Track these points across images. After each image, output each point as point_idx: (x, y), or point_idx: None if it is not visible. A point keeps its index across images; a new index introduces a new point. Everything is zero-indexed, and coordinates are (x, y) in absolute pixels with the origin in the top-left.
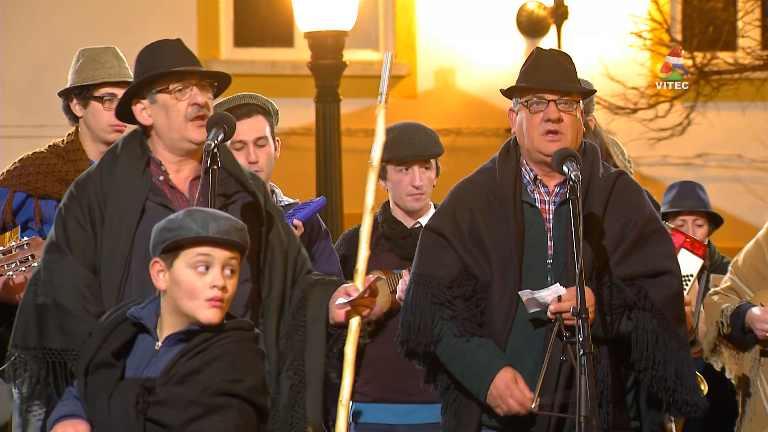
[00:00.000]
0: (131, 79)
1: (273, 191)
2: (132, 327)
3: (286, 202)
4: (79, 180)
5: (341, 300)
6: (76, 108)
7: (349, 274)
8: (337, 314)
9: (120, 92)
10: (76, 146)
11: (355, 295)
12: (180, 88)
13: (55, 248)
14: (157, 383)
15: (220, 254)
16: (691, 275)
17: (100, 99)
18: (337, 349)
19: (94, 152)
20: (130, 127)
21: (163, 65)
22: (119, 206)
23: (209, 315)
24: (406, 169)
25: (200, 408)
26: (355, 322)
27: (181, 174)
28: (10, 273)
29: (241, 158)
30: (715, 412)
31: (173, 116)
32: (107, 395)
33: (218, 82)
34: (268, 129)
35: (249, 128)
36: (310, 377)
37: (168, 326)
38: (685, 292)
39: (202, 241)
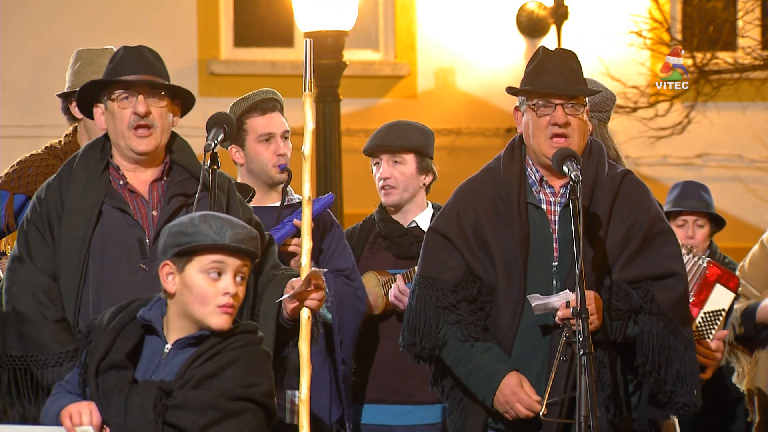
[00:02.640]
0: None
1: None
2: (140, 329)
3: (298, 199)
4: (39, 190)
5: (285, 295)
6: (76, 110)
7: None
8: (288, 308)
9: None
10: (74, 147)
11: (297, 288)
12: (125, 96)
13: (16, 257)
14: (173, 387)
15: (233, 262)
16: (723, 309)
17: None
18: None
19: None
20: None
21: (115, 73)
22: (75, 210)
23: (220, 321)
24: (378, 163)
25: (217, 412)
26: (304, 316)
27: (140, 177)
28: None
29: (269, 150)
30: (710, 412)
31: (118, 124)
32: (123, 397)
33: (177, 94)
34: (287, 126)
35: (276, 122)
36: None
37: (175, 329)
38: (716, 329)
39: (218, 249)
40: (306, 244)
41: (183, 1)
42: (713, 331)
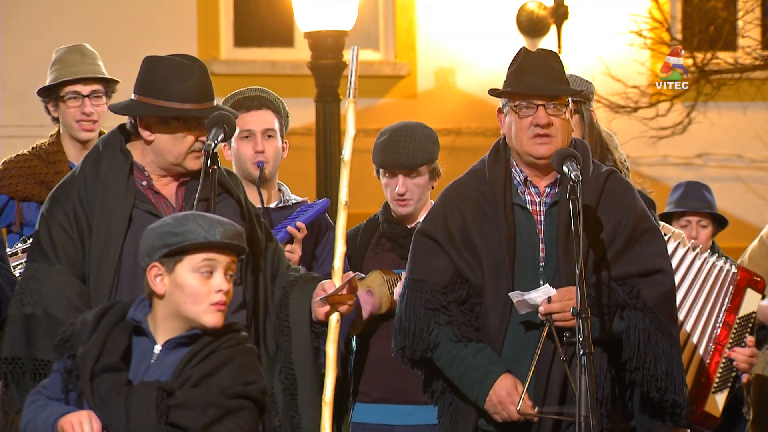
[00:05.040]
0: (94, 75)
1: (280, 189)
2: (128, 330)
3: (294, 201)
4: (62, 185)
5: (319, 297)
6: (51, 109)
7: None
8: (319, 312)
9: (83, 89)
10: (57, 148)
11: (331, 291)
12: (195, 124)
13: (41, 257)
14: (172, 386)
15: (223, 259)
16: (754, 312)
17: (63, 98)
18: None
19: (73, 152)
20: (121, 124)
21: (187, 96)
22: (106, 214)
23: (214, 319)
24: (392, 176)
25: (218, 410)
26: (334, 319)
27: (165, 179)
28: (17, 274)
29: (248, 147)
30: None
31: (179, 145)
32: (123, 399)
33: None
34: (276, 124)
35: (258, 119)
36: (301, 380)
37: (165, 330)
38: (747, 333)
39: (210, 246)
40: (340, 248)
41: (183, 1)
42: (746, 336)
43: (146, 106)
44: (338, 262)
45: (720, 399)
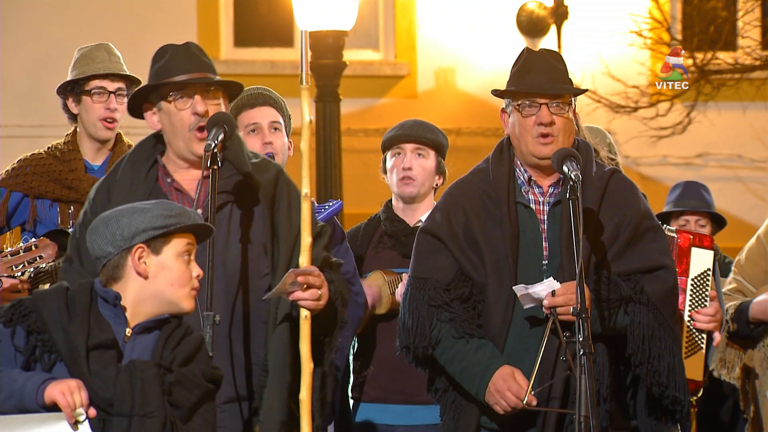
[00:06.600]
0: (122, 72)
1: None
2: (97, 310)
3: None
4: (91, 191)
5: (267, 293)
6: (72, 105)
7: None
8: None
9: (110, 85)
10: (72, 146)
11: (287, 285)
12: (180, 96)
13: (67, 258)
14: (164, 365)
15: (194, 244)
16: (709, 269)
17: (89, 93)
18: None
19: (88, 151)
20: (133, 124)
21: (166, 72)
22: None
23: (192, 304)
24: (399, 154)
25: (201, 391)
26: (303, 315)
27: (190, 175)
28: (18, 273)
29: (256, 140)
30: (710, 413)
31: (177, 125)
32: (127, 377)
33: (228, 88)
34: (281, 120)
35: (263, 113)
36: (272, 373)
37: (133, 314)
38: (708, 291)
39: (194, 230)
40: (306, 240)
41: (183, 1)
42: (707, 293)
43: (137, 92)
44: (304, 256)
45: (696, 362)
